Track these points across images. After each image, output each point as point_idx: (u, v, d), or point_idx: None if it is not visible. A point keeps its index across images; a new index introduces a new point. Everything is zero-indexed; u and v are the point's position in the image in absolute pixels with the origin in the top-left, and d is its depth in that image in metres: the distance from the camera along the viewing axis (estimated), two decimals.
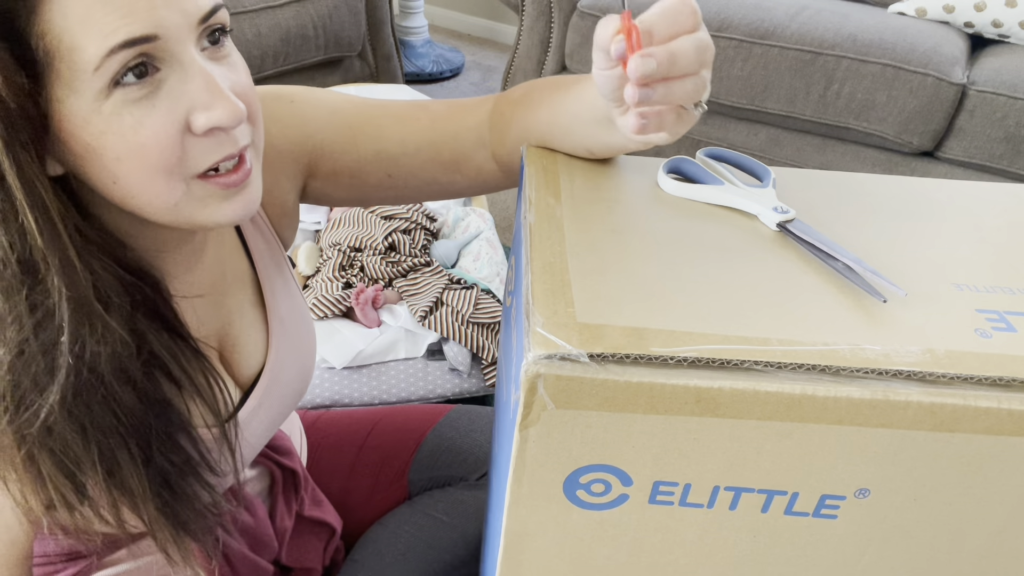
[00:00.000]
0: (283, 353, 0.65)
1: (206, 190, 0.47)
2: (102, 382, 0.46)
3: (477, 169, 0.63)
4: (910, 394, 0.37)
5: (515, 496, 0.41)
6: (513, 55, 2.01)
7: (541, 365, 0.36)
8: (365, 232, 1.36)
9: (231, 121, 0.44)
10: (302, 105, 0.62)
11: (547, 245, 0.44)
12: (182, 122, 0.44)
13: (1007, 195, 0.56)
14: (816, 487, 0.40)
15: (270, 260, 0.64)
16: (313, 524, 0.79)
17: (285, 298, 0.66)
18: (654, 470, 0.40)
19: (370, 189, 0.64)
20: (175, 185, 0.45)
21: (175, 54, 0.43)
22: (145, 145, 0.43)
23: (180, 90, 0.44)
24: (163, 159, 0.44)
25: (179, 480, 0.52)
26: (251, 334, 0.63)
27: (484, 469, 0.87)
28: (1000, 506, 0.41)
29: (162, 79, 0.43)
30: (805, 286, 0.43)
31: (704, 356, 0.37)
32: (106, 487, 0.48)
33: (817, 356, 0.37)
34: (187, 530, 0.53)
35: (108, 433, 0.47)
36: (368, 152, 0.62)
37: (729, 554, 0.44)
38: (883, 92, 1.55)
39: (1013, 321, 0.41)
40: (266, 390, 0.63)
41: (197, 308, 0.57)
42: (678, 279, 0.43)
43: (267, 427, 0.66)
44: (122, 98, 0.42)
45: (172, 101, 0.43)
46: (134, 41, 0.41)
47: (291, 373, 0.66)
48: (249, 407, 0.62)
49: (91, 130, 0.42)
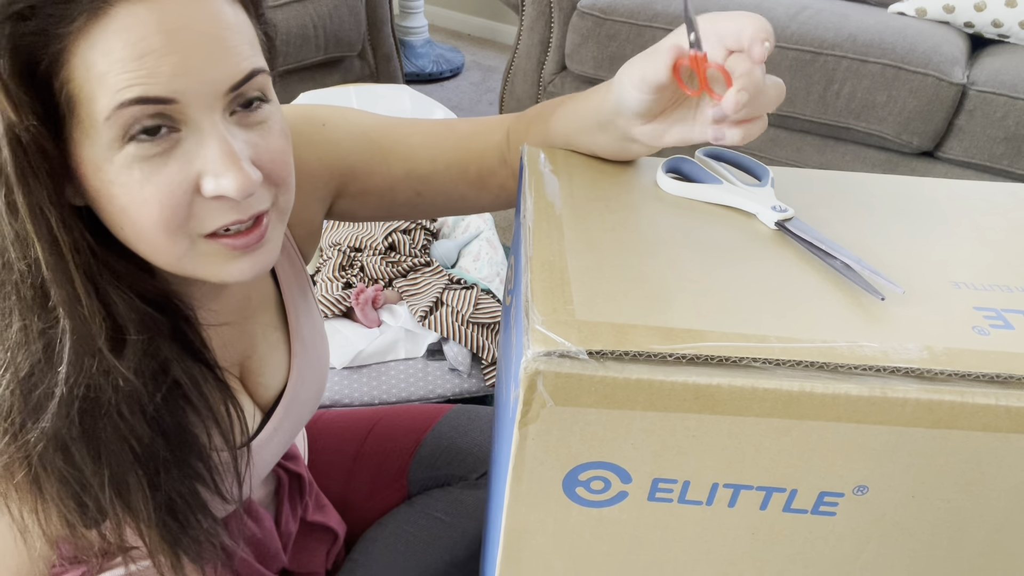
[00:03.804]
0: (303, 374, 0.65)
1: (213, 248, 0.46)
2: (110, 410, 0.46)
3: (500, 186, 0.64)
4: (908, 391, 0.37)
5: (515, 494, 0.41)
6: (513, 55, 2.01)
7: (540, 362, 0.36)
8: (365, 232, 1.36)
9: (239, 194, 0.44)
10: (333, 128, 0.62)
11: (546, 243, 0.45)
12: (191, 183, 0.44)
13: (1007, 195, 0.56)
14: (815, 484, 0.40)
15: (295, 282, 0.64)
16: (317, 529, 0.79)
17: (307, 319, 0.66)
18: (653, 467, 0.40)
19: (398, 207, 0.65)
20: (179, 241, 0.45)
21: (194, 118, 0.43)
22: (148, 201, 0.43)
23: (195, 152, 0.43)
24: (164, 217, 0.44)
25: (184, 507, 0.52)
26: (273, 356, 0.63)
27: (484, 468, 0.87)
28: (998, 503, 0.41)
29: (180, 139, 0.43)
30: (803, 284, 0.43)
31: (703, 353, 0.37)
32: (113, 510, 0.48)
33: (815, 353, 0.37)
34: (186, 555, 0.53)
35: (118, 459, 0.47)
36: (399, 171, 0.63)
37: (728, 551, 0.44)
38: (883, 92, 1.55)
39: (1011, 319, 0.42)
40: (286, 411, 0.63)
41: (223, 334, 0.57)
42: (677, 277, 0.43)
43: (283, 445, 0.66)
44: (135, 152, 0.42)
45: (185, 162, 0.43)
46: (147, 100, 0.41)
47: (309, 392, 0.66)
48: (268, 430, 0.62)
49: (102, 177, 0.43)
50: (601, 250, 0.45)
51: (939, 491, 0.40)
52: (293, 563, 0.76)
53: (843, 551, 0.44)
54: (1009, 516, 0.42)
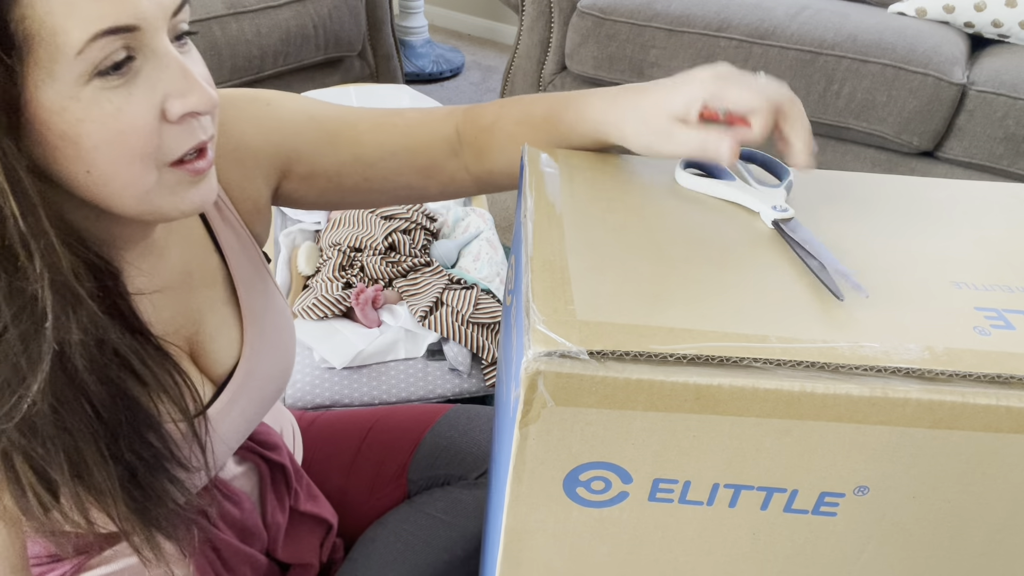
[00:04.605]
0: (259, 349, 0.64)
1: (176, 177, 0.48)
2: (76, 376, 0.46)
3: (449, 177, 0.65)
4: (909, 391, 0.37)
5: (515, 494, 0.41)
6: (513, 55, 2.01)
7: (541, 362, 0.36)
8: (365, 232, 1.36)
9: (207, 107, 0.46)
10: (278, 108, 0.63)
11: (547, 243, 0.45)
12: (158, 109, 0.45)
13: (1007, 195, 0.56)
14: (815, 484, 0.40)
15: (243, 256, 0.64)
16: (308, 519, 0.79)
17: (260, 294, 0.66)
18: (654, 467, 0.40)
19: (346, 192, 0.66)
20: (149, 172, 0.46)
21: (151, 44, 0.44)
22: (125, 132, 0.43)
23: (156, 78, 0.44)
24: (142, 146, 0.44)
25: (148, 477, 0.52)
26: (224, 331, 0.63)
27: (483, 468, 0.87)
28: (999, 503, 0.41)
29: (138, 68, 0.44)
30: (805, 284, 0.43)
31: (704, 353, 0.37)
32: (74, 485, 0.48)
33: (816, 353, 0.37)
34: (159, 528, 0.53)
35: (78, 429, 0.47)
36: (346, 156, 0.63)
37: (729, 552, 0.44)
38: (883, 92, 1.56)
39: (1012, 319, 0.42)
40: (241, 386, 0.63)
41: (160, 305, 0.57)
42: (678, 277, 0.43)
43: (245, 422, 0.65)
44: (101, 86, 0.42)
45: (149, 89, 0.44)
46: (118, 29, 0.41)
47: (268, 369, 0.66)
48: (222, 402, 0.61)
49: (68, 118, 0.42)
50: (602, 250, 0.45)
51: (940, 491, 0.40)
52: (286, 553, 0.76)
53: (844, 551, 0.44)
54: (1010, 516, 0.42)
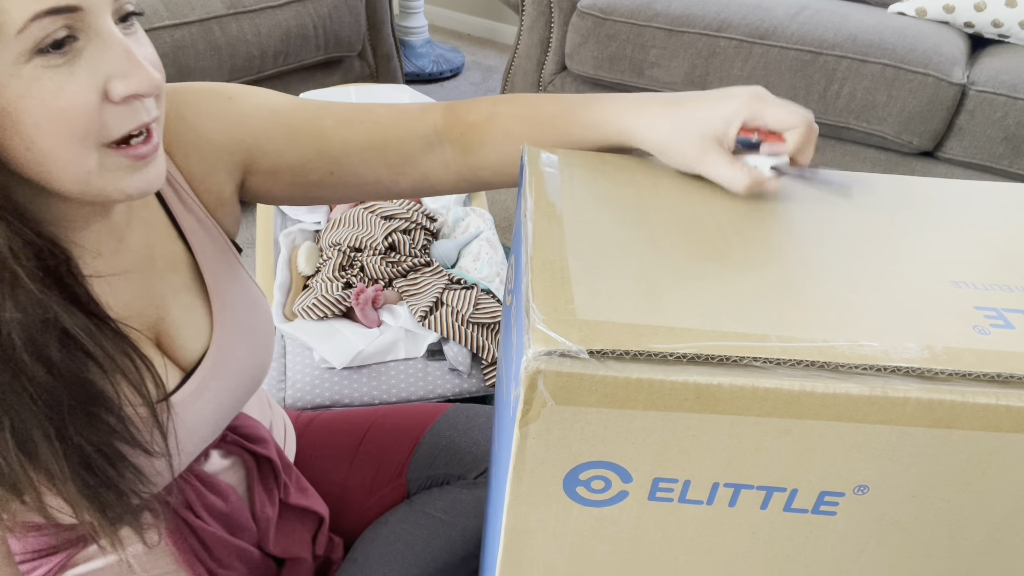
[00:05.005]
0: (230, 336, 0.64)
1: (117, 160, 0.48)
2: (14, 355, 0.46)
3: (423, 174, 0.65)
4: (909, 391, 0.37)
5: (515, 493, 0.41)
6: (513, 55, 2.01)
7: (541, 361, 0.36)
8: (365, 232, 1.36)
9: (149, 89, 0.46)
10: (240, 103, 0.63)
11: (547, 242, 0.45)
12: (100, 89, 0.45)
13: (1007, 195, 0.56)
14: (815, 484, 0.40)
15: (210, 244, 0.65)
16: (299, 512, 0.79)
17: (229, 280, 0.66)
18: (654, 467, 0.40)
19: (313, 187, 0.65)
20: (88, 153, 0.46)
21: (94, 25, 0.44)
22: (65, 110, 0.44)
23: (99, 59, 0.45)
24: (81, 125, 0.45)
25: (101, 462, 0.51)
26: (191, 318, 0.62)
27: (482, 467, 0.87)
28: (999, 503, 0.41)
29: (80, 48, 0.44)
30: (804, 283, 0.43)
31: (703, 352, 0.37)
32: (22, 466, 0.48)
33: (816, 352, 0.37)
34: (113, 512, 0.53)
35: (21, 410, 0.47)
36: (310, 151, 0.63)
37: (728, 551, 0.44)
38: (883, 92, 1.56)
39: (1011, 318, 0.42)
40: (211, 372, 0.62)
41: (120, 289, 0.57)
42: (677, 276, 0.43)
43: (218, 409, 0.64)
44: (42, 64, 0.43)
45: (91, 69, 0.45)
46: (59, 9, 0.42)
47: (242, 357, 0.66)
48: (189, 389, 0.61)
49: (8, 94, 0.43)
50: (602, 249, 0.45)
51: (940, 491, 0.40)
52: (277, 547, 0.76)
53: (843, 551, 0.44)
54: (1010, 516, 0.42)
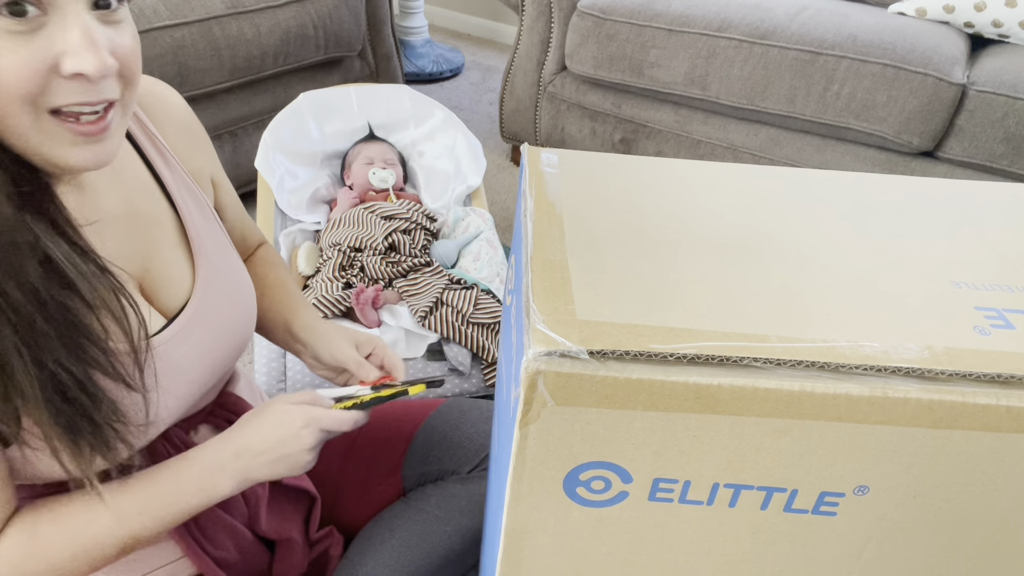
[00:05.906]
0: (212, 284, 0.67)
1: (57, 129, 0.49)
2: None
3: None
4: (909, 391, 0.37)
5: (515, 493, 0.41)
6: (513, 55, 2.01)
7: (541, 362, 0.36)
8: (365, 232, 1.36)
9: (96, 72, 0.48)
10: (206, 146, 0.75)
11: (547, 243, 0.45)
12: (51, 61, 0.47)
13: (1007, 195, 0.56)
14: (815, 484, 0.40)
15: (193, 205, 0.68)
16: (290, 491, 0.79)
17: (211, 237, 0.69)
18: (654, 467, 0.40)
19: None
20: (25, 111, 0.48)
21: (60, 5, 0.46)
22: (6, 70, 0.46)
23: (58, 35, 0.47)
24: (20, 86, 0.46)
25: (76, 390, 0.52)
26: (175, 271, 0.65)
27: (476, 462, 0.87)
28: (999, 503, 0.41)
29: (46, 22, 0.46)
30: (804, 283, 0.43)
31: (703, 353, 0.37)
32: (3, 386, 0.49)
33: (816, 353, 0.37)
34: (85, 441, 0.53)
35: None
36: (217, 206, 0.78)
37: (728, 551, 0.44)
38: (883, 92, 1.55)
39: (1012, 319, 0.42)
40: (192, 318, 0.64)
41: (105, 237, 0.59)
42: (677, 276, 0.43)
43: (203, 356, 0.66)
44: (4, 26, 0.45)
45: (48, 42, 0.47)
46: None
47: (223, 308, 0.68)
48: (172, 330, 0.63)
49: None
50: (602, 250, 0.45)
51: (940, 491, 0.40)
52: (269, 527, 0.76)
53: (844, 551, 0.44)
54: (1010, 516, 0.42)
